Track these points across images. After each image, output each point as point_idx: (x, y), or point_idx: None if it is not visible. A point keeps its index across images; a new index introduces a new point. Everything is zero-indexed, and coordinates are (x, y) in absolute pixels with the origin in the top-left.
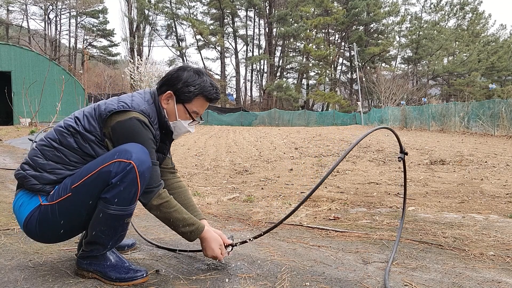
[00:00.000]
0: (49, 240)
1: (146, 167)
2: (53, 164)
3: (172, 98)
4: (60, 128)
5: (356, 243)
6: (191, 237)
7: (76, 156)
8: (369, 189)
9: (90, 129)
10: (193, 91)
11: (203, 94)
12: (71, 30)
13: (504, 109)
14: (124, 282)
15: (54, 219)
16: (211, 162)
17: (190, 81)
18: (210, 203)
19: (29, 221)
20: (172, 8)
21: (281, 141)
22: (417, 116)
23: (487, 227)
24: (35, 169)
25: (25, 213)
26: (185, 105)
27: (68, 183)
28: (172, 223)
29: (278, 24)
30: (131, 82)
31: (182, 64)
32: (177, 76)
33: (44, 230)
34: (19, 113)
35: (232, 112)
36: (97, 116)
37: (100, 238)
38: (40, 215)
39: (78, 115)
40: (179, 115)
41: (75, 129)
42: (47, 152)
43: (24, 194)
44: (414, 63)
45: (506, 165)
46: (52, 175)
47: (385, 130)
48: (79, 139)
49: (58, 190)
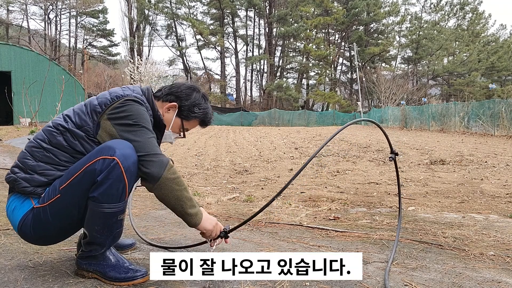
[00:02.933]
0: (45, 242)
1: (132, 162)
2: (43, 165)
3: (174, 109)
4: (49, 128)
5: (356, 243)
6: (196, 220)
7: (65, 155)
8: (369, 189)
9: (81, 123)
10: (197, 113)
11: (203, 119)
12: (71, 30)
13: (504, 109)
14: (124, 281)
15: (47, 221)
16: (211, 162)
17: (197, 103)
18: (210, 203)
19: (23, 224)
20: (172, 8)
21: (281, 141)
22: (417, 116)
23: (487, 227)
24: (25, 171)
25: (18, 216)
26: (183, 121)
27: (57, 184)
28: (179, 202)
29: (278, 24)
30: (131, 82)
31: (192, 84)
32: (188, 93)
33: (38, 232)
34: (19, 113)
35: (232, 112)
36: (90, 111)
37: (96, 238)
38: (34, 217)
39: (68, 113)
40: (173, 127)
41: (64, 127)
42: (37, 153)
43: (16, 197)
44: (414, 63)
45: (506, 165)
46: (42, 177)
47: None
48: (68, 136)
49: (48, 192)
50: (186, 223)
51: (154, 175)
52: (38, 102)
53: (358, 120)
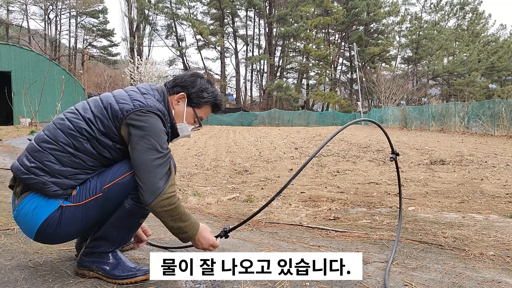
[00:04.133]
0: (60, 241)
1: (176, 170)
2: (72, 170)
3: (183, 100)
4: (71, 131)
5: (356, 243)
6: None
7: (93, 160)
8: (369, 189)
9: (106, 131)
10: (206, 98)
11: (214, 102)
12: (71, 30)
13: (504, 109)
14: (126, 279)
15: (79, 218)
16: (211, 162)
17: (204, 88)
18: (210, 203)
19: (50, 223)
20: (172, 8)
21: (281, 141)
22: (417, 116)
23: (487, 227)
24: (53, 175)
25: (43, 215)
26: (195, 109)
27: (97, 183)
28: (169, 229)
29: (278, 24)
30: (131, 82)
31: (193, 71)
32: (193, 80)
33: (64, 230)
34: (19, 113)
35: (232, 112)
36: (112, 116)
37: (112, 234)
38: (63, 216)
39: (87, 115)
40: (187, 117)
41: (91, 134)
42: (63, 157)
43: (37, 196)
44: (414, 63)
45: (506, 165)
46: (73, 181)
47: (385, 130)
48: (96, 144)
49: (85, 191)
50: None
51: (144, 200)
52: (38, 102)
53: (358, 120)
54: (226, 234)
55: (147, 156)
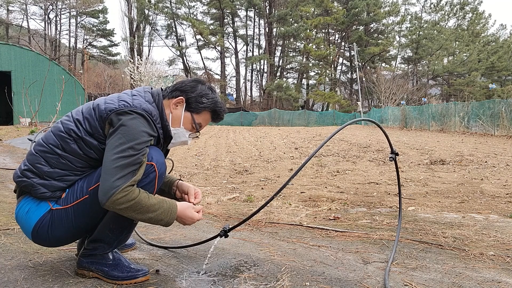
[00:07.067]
0: (58, 243)
1: (163, 171)
2: (60, 172)
3: (182, 104)
4: (61, 133)
5: (356, 243)
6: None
7: (81, 161)
8: (369, 189)
9: (92, 131)
10: (206, 103)
11: (213, 109)
12: (71, 30)
13: (504, 109)
14: (126, 280)
15: (69, 221)
16: (211, 162)
17: (204, 94)
18: (210, 203)
19: (40, 226)
20: (172, 8)
21: (281, 141)
22: (417, 116)
23: (487, 227)
24: (42, 177)
25: (34, 219)
26: (193, 114)
27: (83, 185)
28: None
29: (278, 24)
30: (131, 82)
31: (196, 77)
32: (193, 85)
33: (57, 233)
34: (19, 113)
35: (232, 112)
36: (98, 116)
37: (106, 236)
38: (53, 219)
39: (78, 116)
40: (184, 122)
41: (77, 134)
42: (51, 159)
43: (29, 200)
44: (414, 63)
45: (506, 165)
46: (61, 183)
47: (385, 130)
48: (82, 145)
49: (72, 193)
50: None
51: (99, 200)
52: (38, 102)
53: (357, 120)
54: (226, 233)
55: (112, 155)
